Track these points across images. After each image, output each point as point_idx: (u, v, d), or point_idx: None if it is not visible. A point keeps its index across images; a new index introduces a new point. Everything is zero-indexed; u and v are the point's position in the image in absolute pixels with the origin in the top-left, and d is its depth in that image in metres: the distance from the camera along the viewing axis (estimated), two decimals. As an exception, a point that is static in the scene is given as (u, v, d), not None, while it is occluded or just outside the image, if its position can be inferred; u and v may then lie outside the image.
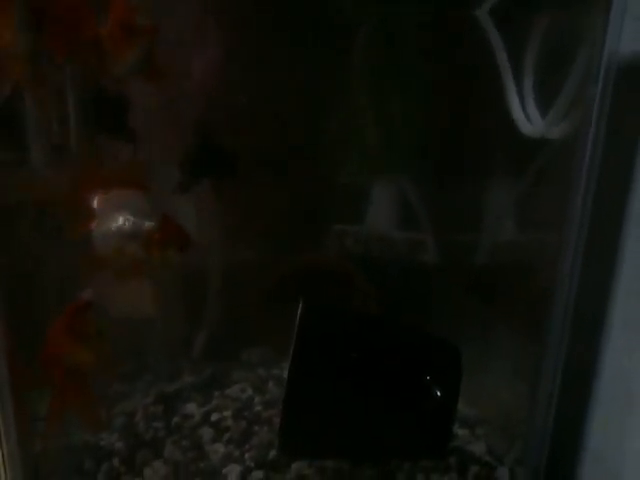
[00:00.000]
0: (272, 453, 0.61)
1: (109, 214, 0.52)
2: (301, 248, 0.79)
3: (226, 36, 0.70)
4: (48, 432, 0.57)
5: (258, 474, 0.59)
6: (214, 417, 0.67)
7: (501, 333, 0.69)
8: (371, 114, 0.75)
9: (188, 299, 0.82)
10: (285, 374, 0.78)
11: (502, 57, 0.64)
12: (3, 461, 0.55)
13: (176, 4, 0.64)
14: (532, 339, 0.63)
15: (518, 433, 0.66)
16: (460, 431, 0.69)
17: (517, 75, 0.63)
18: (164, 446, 0.62)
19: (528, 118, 0.62)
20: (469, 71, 0.66)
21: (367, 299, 0.81)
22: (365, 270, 0.80)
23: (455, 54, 0.67)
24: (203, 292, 0.80)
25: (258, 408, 0.70)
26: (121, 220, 0.51)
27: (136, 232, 0.51)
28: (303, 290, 0.78)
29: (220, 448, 0.62)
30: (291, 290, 0.79)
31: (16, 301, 0.54)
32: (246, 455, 0.61)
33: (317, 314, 0.62)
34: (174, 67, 0.56)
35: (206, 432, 0.64)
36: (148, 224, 0.52)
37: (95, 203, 0.53)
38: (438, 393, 0.61)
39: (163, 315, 0.83)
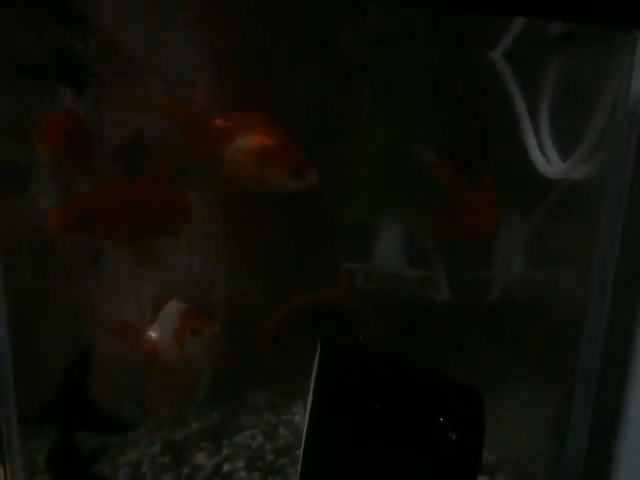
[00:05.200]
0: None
1: None
2: (310, 286, 0.78)
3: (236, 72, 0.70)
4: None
5: (277, 531, 0.55)
6: (226, 468, 0.64)
7: (519, 373, 0.68)
8: (384, 152, 0.74)
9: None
10: (295, 419, 0.76)
11: (517, 98, 0.64)
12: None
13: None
14: (557, 379, 0.61)
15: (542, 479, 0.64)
16: (480, 478, 0.66)
17: (534, 116, 0.63)
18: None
19: (547, 159, 0.62)
20: (484, 112, 0.66)
21: (377, 337, 0.79)
22: (376, 308, 0.79)
23: (470, 95, 0.67)
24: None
25: (270, 457, 0.66)
26: None
27: None
28: (311, 329, 0.76)
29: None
30: (298, 329, 0.77)
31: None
32: (262, 510, 0.58)
33: (335, 357, 0.60)
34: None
35: (219, 485, 0.61)
36: None
37: None
38: (461, 438, 0.58)
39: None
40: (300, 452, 0.56)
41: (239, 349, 0.77)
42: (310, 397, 0.57)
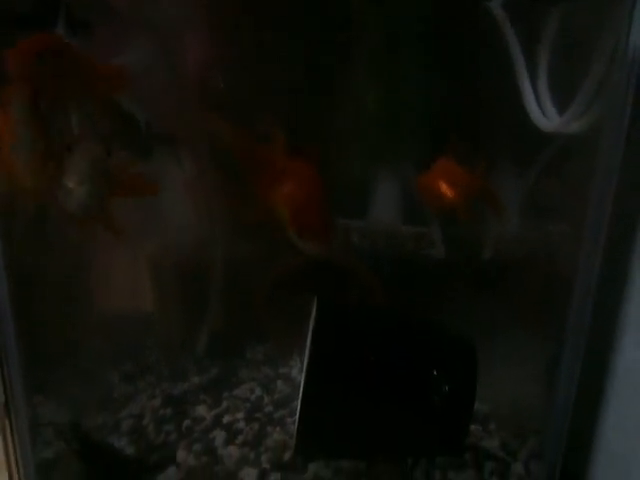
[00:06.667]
0: (287, 455, 0.60)
1: None
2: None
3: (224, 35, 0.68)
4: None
5: (276, 476, 0.58)
6: (226, 419, 0.65)
7: (512, 327, 0.69)
8: (380, 108, 0.73)
9: (190, 296, 0.81)
10: (293, 372, 0.78)
11: (515, 50, 0.63)
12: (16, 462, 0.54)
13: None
14: (547, 333, 0.62)
15: (532, 428, 0.66)
16: (472, 427, 0.69)
17: (532, 69, 0.62)
18: (176, 450, 0.60)
19: (544, 113, 0.61)
20: (481, 64, 0.65)
21: (373, 294, 0.80)
22: (371, 265, 0.79)
23: (467, 46, 0.66)
24: (205, 288, 0.78)
25: (269, 408, 0.68)
26: None
27: None
28: (307, 286, 0.77)
29: (234, 451, 0.61)
30: (295, 286, 0.78)
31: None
32: (262, 457, 0.60)
33: (332, 312, 0.61)
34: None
35: (219, 435, 0.63)
36: None
37: None
38: (454, 390, 0.60)
39: (164, 312, 0.81)
40: (298, 403, 0.58)
41: (237, 305, 0.79)
42: (307, 350, 0.58)
